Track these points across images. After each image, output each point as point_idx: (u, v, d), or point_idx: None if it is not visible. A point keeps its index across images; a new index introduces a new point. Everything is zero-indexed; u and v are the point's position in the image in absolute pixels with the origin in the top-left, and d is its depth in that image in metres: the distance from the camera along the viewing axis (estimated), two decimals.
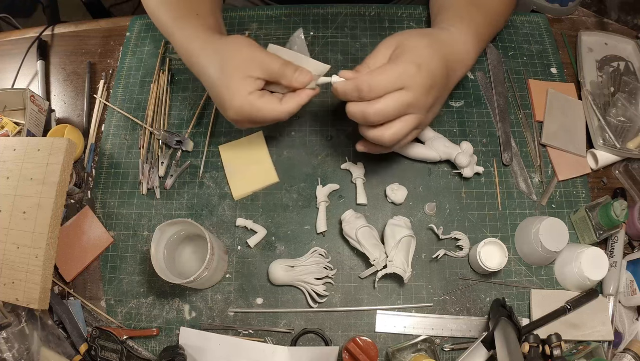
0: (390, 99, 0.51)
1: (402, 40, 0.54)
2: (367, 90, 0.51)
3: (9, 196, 0.64)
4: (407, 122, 0.53)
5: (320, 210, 0.67)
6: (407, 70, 0.51)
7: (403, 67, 0.51)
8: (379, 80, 0.51)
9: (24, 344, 0.60)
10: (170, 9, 0.64)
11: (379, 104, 0.51)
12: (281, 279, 0.63)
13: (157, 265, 0.56)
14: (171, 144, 0.72)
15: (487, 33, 0.67)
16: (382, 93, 0.51)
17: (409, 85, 0.51)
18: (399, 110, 0.52)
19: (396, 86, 0.51)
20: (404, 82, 0.51)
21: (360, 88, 0.51)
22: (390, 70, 0.51)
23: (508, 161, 0.70)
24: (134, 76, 0.79)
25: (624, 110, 0.70)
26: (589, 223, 0.63)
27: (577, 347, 0.60)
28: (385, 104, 0.51)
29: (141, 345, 0.63)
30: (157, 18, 0.66)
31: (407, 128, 0.53)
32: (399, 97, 0.51)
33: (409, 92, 0.51)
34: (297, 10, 0.81)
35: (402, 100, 0.51)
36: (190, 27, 0.61)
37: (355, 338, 0.58)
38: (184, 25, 0.62)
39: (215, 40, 0.59)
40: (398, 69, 0.51)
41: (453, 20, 0.62)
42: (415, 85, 0.51)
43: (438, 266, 0.65)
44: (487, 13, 0.66)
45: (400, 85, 0.51)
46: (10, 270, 0.61)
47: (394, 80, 0.51)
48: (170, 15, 0.64)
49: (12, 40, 0.86)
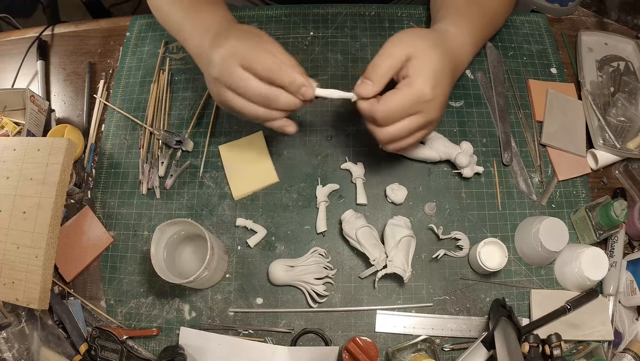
0: (405, 123, 0.52)
1: (418, 49, 0.52)
2: (381, 120, 0.52)
3: (9, 196, 0.64)
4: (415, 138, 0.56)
5: (320, 210, 0.67)
6: (423, 95, 0.51)
7: (420, 92, 0.51)
8: (393, 112, 0.51)
9: (24, 344, 0.60)
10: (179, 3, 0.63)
11: (391, 129, 0.53)
12: (281, 279, 0.63)
13: (157, 265, 0.56)
14: (171, 144, 0.72)
15: (485, 33, 0.67)
16: (397, 120, 0.52)
17: (424, 110, 0.52)
18: (411, 131, 0.54)
19: (411, 113, 0.52)
20: (419, 108, 0.52)
21: (375, 118, 0.52)
22: (406, 100, 0.51)
23: (508, 161, 0.70)
24: (134, 76, 0.79)
25: (624, 110, 0.70)
26: (589, 223, 0.63)
27: (577, 347, 0.60)
28: (398, 130, 0.53)
29: (141, 345, 0.63)
30: (165, 14, 0.65)
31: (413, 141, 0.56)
32: (412, 121, 0.52)
33: (422, 116, 0.53)
34: (297, 10, 0.81)
35: (415, 124, 0.53)
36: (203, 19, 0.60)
37: (355, 338, 0.58)
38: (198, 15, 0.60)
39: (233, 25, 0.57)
40: (414, 95, 0.51)
41: (453, 21, 0.62)
42: (430, 109, 0.52)
43: (438, 266, 0.65)
44: (486, 13, 0.66)
45: (415, 111, 0.52)
46: (10, 270, 0.61)
47: (409, 109, 0.51)
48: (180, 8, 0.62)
49: (12, 40, 0.86)
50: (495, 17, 0.69)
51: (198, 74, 0.78)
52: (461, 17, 0.63)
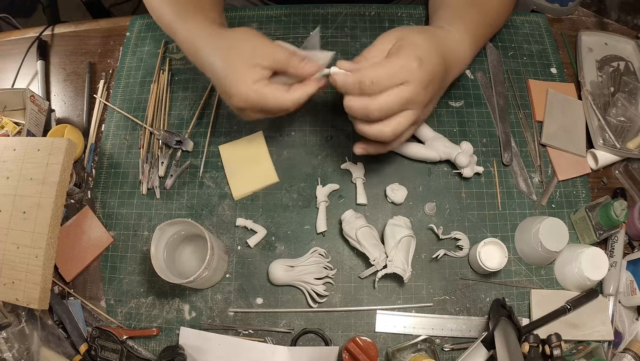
0: (392, 93, 0.51)
1: (402, 35, 0.54)
2: (369, 84, 0.50)
3: (9, 196, 0.64)
4: (407, 118, 0.53)
5: (320, 210, 0.67)
6: (409, 64, 0.51)
7: (405, 61, 0.51)
8: (380, 74, 0.50)
9: (24, 344, 0.60)
10: (174, 5, 0.64)
11: (381, 98, 0.51)
12: (281, 279, 0.63)
13: (157, 265, 0.56)
14: (171, 144, 0.72)
15: (484, 33, 0.67)
16: (384, 88, 0.51)
17: (410, 80, 0.51)
18: (401, 105, 0.52)
19: (398, 81, 0.51)
20: (405, 76, 0.51)
21: (362, 82, 0.50)
22: (392, 64, 0.51)
23: (508, 161, 0.70)
24: (134, 76, 0.79)
25: (624, 110, 0.70)
26: (589, 223, 0.63)
27: (577, 347, 0.60)
28: (388, 99, 0.51)
29: (141, 345, 0.63)
30: (160, 15, 0.66)
31: (406, 123, 0.53)
32: (400, 92, 0.51)
33: (409, 87, 0.51)
34: (297, 10, 0.81)
35: (403, 95, 0.51)
36: (195, 21, 0.61)
37: (355, 338, 0.58)
38: (188, 20, 0.61)
39: (221, 32, 0.59)
40: (399, 62, 0.51)
41: (451, 20, 0.62)
42: (416, 80, 0.51)
43: (438, 266, 0.65)
44: (486, 13, 0.66)
45: (401, 79, 0.51)
46: (10, 270, 0.61)
47: (395, 74, 0.50)
48: (173, 10, 0.63)
49: (12, 40, 0.86)
50: (496, 17, 0.69)
51: (198, 74, 0.78)
52: (459, 16, 0.63)
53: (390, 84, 0.51)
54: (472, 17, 0.63)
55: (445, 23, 0.61)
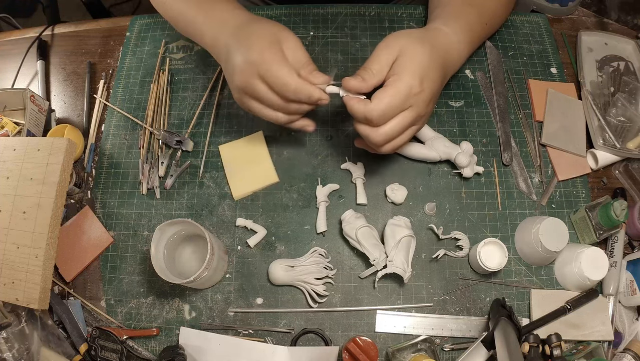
0: (397, 120, 0.53)
1: (404, 47, 0.54)
2: (377, 120, 0.52)
3: (9, 196, 0.64)
4: (408, 135, 0.56)
5: (320, 210, 0.67)
6: (412, 88, 0.52)
7: (408, 86, 0.52)
8: (387, 110, 0.52)
9: (24, 344, 0.60)
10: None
11: (386, 127, 0.53)
12: (281, 279, 0.63)
13: (157, 265, 0.56)
14: (171, 144, 0.72)
15: (480, 33, 0.67)
16: (390, 118, 0.53)
17: (414, 103, 0.53)
18: (404, 128, 0.54)
19: (403, 109, 0.53)
20: (410, 102, 0.52)
21: (370, 119, 0.52)
22: (397, 95, 0.51)
23: (508, 161, 0.70)
24: (134, 76, 0.79)
25: (624, 110, 0.70)
26: (589, 223, 0.63)
27: (577, 347, 0.60)
28: (392, 127, 0.53)
29: (141, 345, 0.63)
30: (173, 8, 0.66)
31: (406, 138, 0.56)
32: (404, 117, 0.53)
33: (413, 110, 0.53)
34: (297, 10, 0.81)
35: (407, 119, 0.53)
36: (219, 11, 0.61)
37: (355, 338, 0.58)
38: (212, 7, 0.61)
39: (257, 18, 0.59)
40: (404, 90, 0.51)
41: (447, 19, 0.62)
42: (419, 102, 0.53)
43: (438, 266, 0.65)
44: (482, 13, 0.66)
45: (407, 105, 0.53)
46: (10, 270, 0.61)
47: (401, 104, 0.52)
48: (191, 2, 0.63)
49: (12, 40, 0.86)
50: (493, 17, 0.69)
51: (198, 74, 0.78)
52: (455, 16, 0.63)
53: (396, 114, 0.53)
54: (469, 17, 0.64)
55: (441, 23, 0.62)
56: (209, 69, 0.78)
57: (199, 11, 0.62)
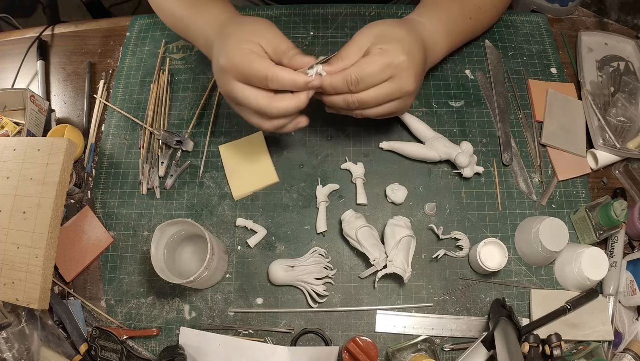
0: (380, 90, 0.52)
1: (383, 30, 0.54)
2: (356, 82, 0.51)
3: (9, 196, 0.64)
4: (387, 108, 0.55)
5: (320, 210, 0.67)
6: (396, 59, 0.51)
7: (392, 57, 0.51)
8: (368, 72, 0.51)
9: (24, 344, 0.60)
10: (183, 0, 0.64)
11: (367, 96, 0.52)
12: (281, 279, 0.63)
13: (157, 265, 0.56)
14: (171, 144, 0.72)
15: (463, 27, 0.67)
16: (372, 85, 0.52)
17: (398, 74, 0.52)
18: (384, 98, 0.53)
19: (385, 77, 0.52)
20: (392, 72, 0.52)
21: (349, 81, 0.51)
22: (379, 61, 0.51)
23: (508, 161, 0.70)
24: (134, 76, 0.79)
25: (624, 110, 0.70)
26: (589, 223, 0.63)
27: (577, 347, 0.60)
28: (375, 96, 0.52)
29: (141, 345, 0.63)
30: (170, 11, 0.66)
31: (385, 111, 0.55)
32: (388, 88, 0.52)
33: (394, 82, 0.52)
34: (297, 10, 0.81)
35: (387, 89, 0.52)
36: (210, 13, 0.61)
37: (355, 338, 0.58)
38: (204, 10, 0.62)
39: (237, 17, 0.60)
40: (386, 59, 0.51)
41: (423, 12, 0.63)
42: (402, 73, 0.52)
43: (438, 266, 0.65)
44: (464, 7, 0.66)
45: (389, 75, 0.52)
46: (10, 270, 0.61)
47: (382, 70, 0.51)
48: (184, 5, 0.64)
49: (12, 40, 0.86)
50: (479, 12, 0.68)
51: (198, 74, 0.78)
52: (432, 8, 0.64)
53: (377, 80, 0.52)
54: (449, 10, 0.64)
55: (416, 14, 0.63)
56: (209, 69, 0.78)
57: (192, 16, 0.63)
